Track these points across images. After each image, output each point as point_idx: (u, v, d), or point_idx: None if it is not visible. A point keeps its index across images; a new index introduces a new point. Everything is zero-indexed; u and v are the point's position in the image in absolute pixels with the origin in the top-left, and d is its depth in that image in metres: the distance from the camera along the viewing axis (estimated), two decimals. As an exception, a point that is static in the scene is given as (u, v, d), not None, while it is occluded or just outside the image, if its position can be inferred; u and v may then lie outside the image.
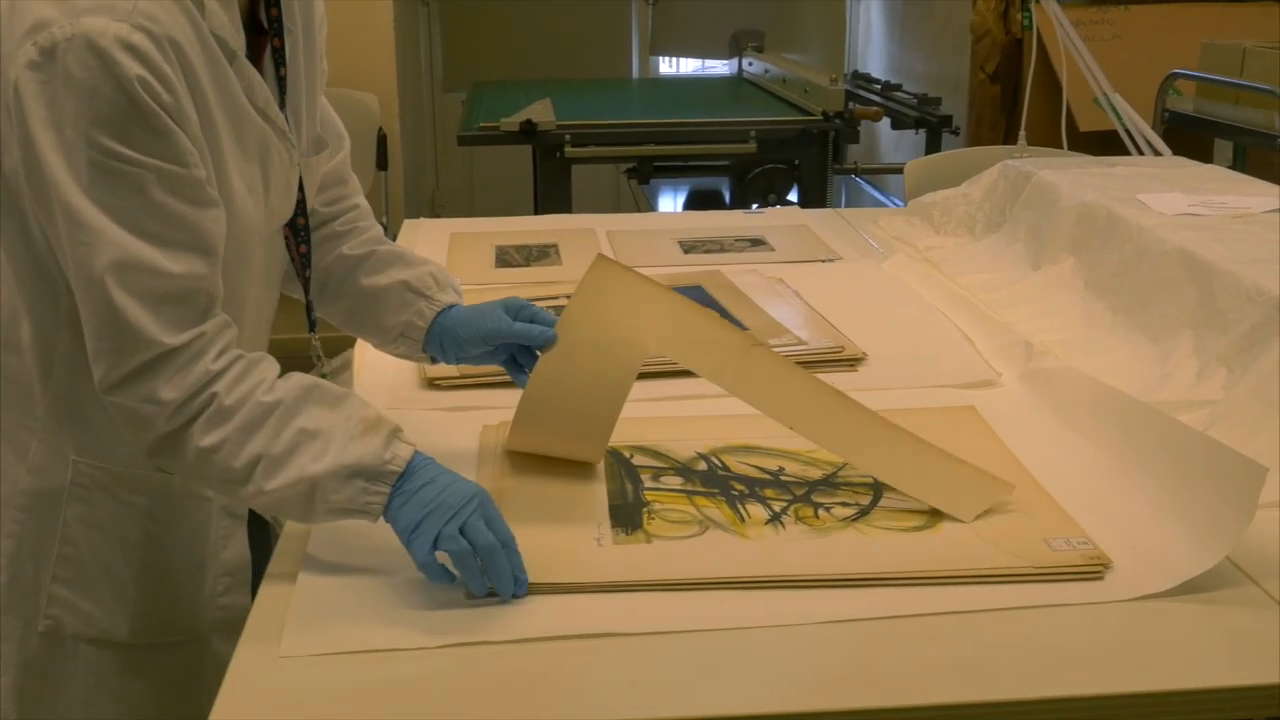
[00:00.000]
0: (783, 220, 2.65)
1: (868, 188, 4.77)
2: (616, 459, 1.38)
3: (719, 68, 5.70)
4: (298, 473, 1.10)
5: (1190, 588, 1.11)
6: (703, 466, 1.37)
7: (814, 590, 1.12)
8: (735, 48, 5.16)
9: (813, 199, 3.73)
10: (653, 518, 1.25)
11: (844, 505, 1.28)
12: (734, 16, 5.28)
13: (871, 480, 1.33)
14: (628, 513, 1.26)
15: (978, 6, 4.31)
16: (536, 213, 3.63)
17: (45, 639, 1.27)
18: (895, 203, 4.02)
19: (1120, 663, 1.02)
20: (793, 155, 3.76)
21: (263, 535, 1.42)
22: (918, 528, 1.23)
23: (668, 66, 6.28)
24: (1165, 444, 1.28)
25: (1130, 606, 1.10)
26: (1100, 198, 1.97)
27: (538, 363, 1.30)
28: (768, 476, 1.35)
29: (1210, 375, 1.52)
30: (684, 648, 1.04)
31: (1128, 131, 2.84)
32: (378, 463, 1.11)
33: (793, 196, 3.81)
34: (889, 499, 1.29)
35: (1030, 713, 0.98)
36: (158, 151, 1.08)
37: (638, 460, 1.38)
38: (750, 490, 1.31)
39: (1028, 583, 1.13)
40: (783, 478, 1.34)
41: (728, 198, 4.20)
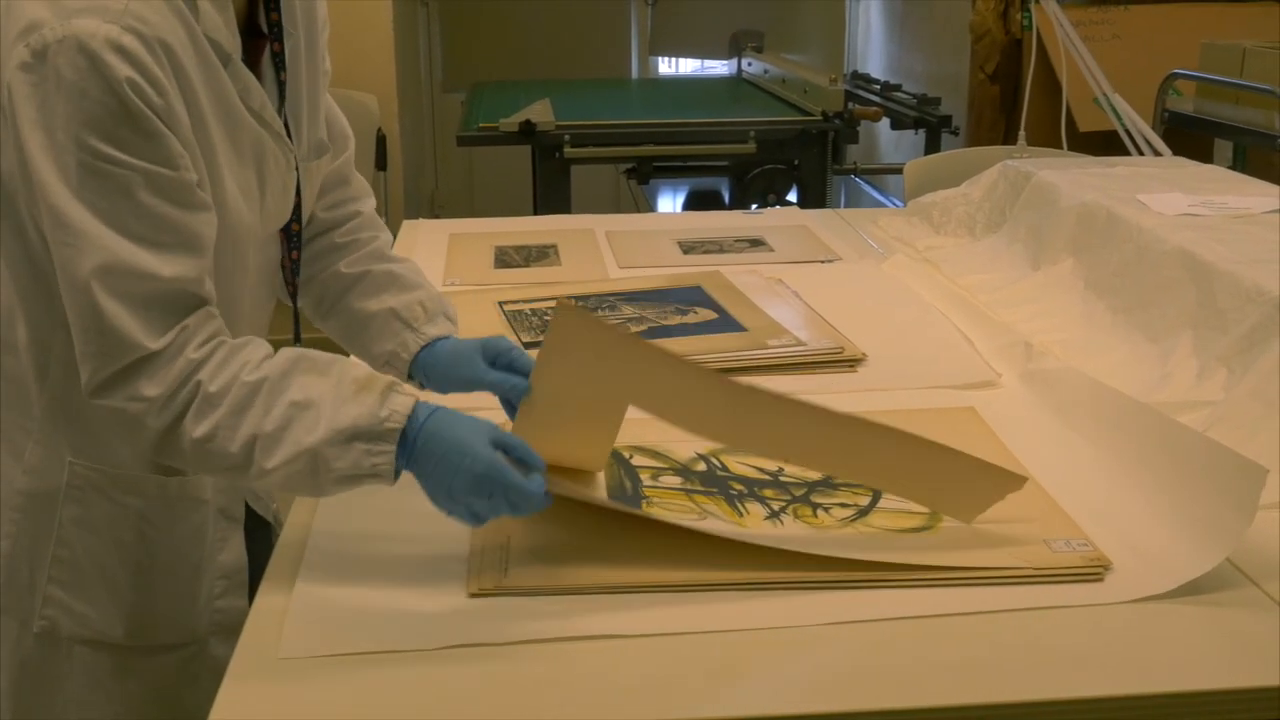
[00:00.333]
0: (782, 221, 2.65)
1: (867, 188, 4.77)
2: (615, 459, 1.38)
3: (718, 68, 5.70)
4: (295, 447, 1.07)
5: (1190, 589, 1.11)
6: (702, 467, 1.37)
7: (814, 592, 1.12)
8: (735, 48, 5.16)
9: (812, 199, 3.73)
10: (652, 505, 1.26)
11: (843, 506, 1.28)
12: (733, 17, 5.28)
13: (871, 481, 1.33)
14: (627, 502, 1.27)
15: (977, 6, 4.31)
16: (536, 213, 3.63)
17: (40, 640, 1.27)
18: (895, 203, 4.02)
19: (1120, 664, 1.02)
20: (792, 155, 3.76)
21: (262, 538, 1.42)
22: (916, 529, 1.23)
23: (667, 67, 6.28)
24: (1165, 445, 1.28)
25: (1130, 608, 1.09)
26: (1100, 198, 1.97)
27: (517, 413, 1.22)
28: (767, 477, 1.34)
29: (1210, 376, 1.52)
30: (684, 650, 1.04)
31: (1127, 132, 2.84)
32: (374, 422, 1.07)
33: (792, 197, 3.81)
34: (888, 500, 1.29)
35: (1030, 715, 0.98)
36: (147, 154, 1.07)
37: (637, 460, 1.38)
38: (749, 490, 1.31)
39: (1027, 584, 1.13)
40: (782, 478, 1.34)
41: (727, 198, 4.20)
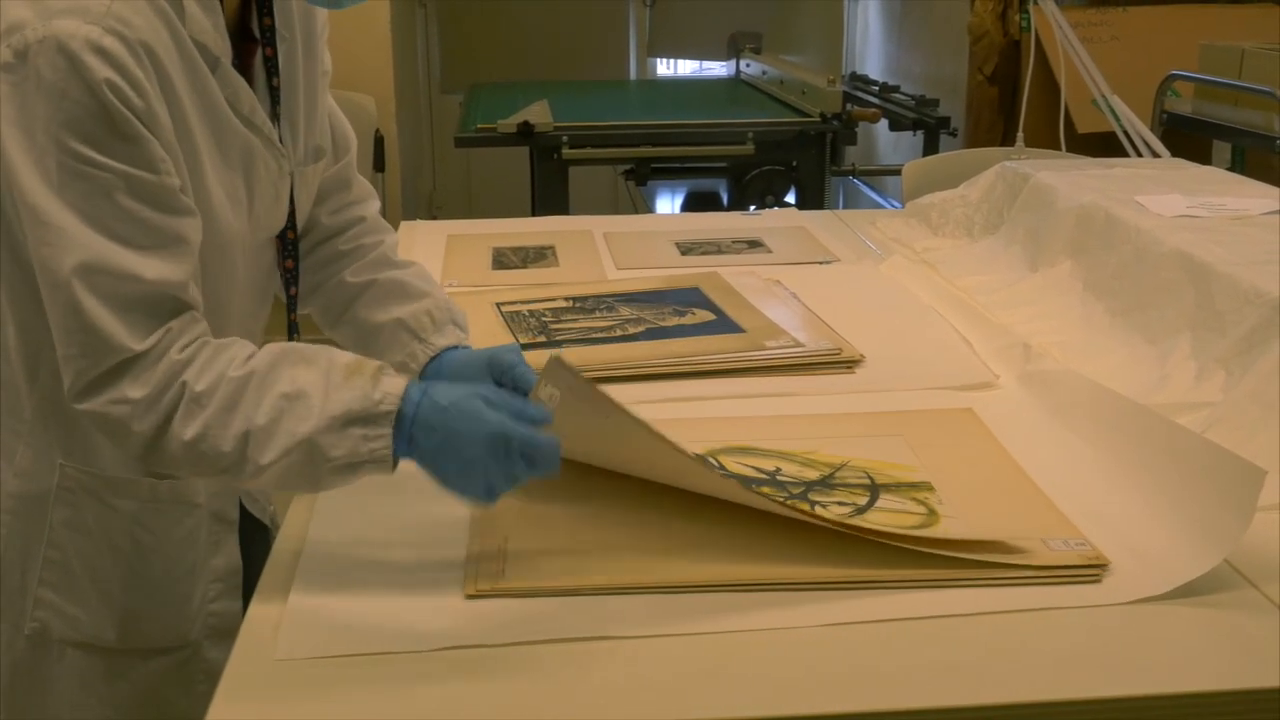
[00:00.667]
0: (780, 222, 2.65)
1: (865, 189, 4.78)
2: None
3: (716, 69, 5.70)
4: (289, 438, 1.05)
5: (1188, 590, 1.10)
6: (699, 468, 1.36)
7: (811, 593, 1.12)
8: (733, 49, 5.16)
9: (810, 200, 3.73)
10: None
11: (840, 505, 1.27)
12: (732, 18, 5.28)
13: (868, 480, 1.33)
14: None
15: (976, 8, 4.32)
16: (534, 214, 3.63)
17: (31, 642, 1.27)
18: (893, 204, 4.02)
19: (1118, 666, 1.01)
20: (790, 157, 3.76)
21: (260, 540, 1.41)
22: (914, 528, 1.23)
23: (665, 68, 6.28)
24: (1164, 446, 1.28)
25: (1128, 609, 1.09)
26: (1098, 199, 1.97)
27: None
28: (764, 476, 1.34)
29: (1209, 377, 1.51)
30: (680, 651, 1.04)
31: (1126, 133, 2.84)
32: (368, 405, 1.05)
33: (790, 198, 3.81)
34: (886, 499, 1.29)
35: (1028, 716, 0.97)
36: (126, 157, 1.06)
37: (634, 462, 1.38)
38: (747, 489, 1.31)
39: (1025, 585, 1.13)
40: (779, 477, 1.34)
41: (725, 199, 4.20)
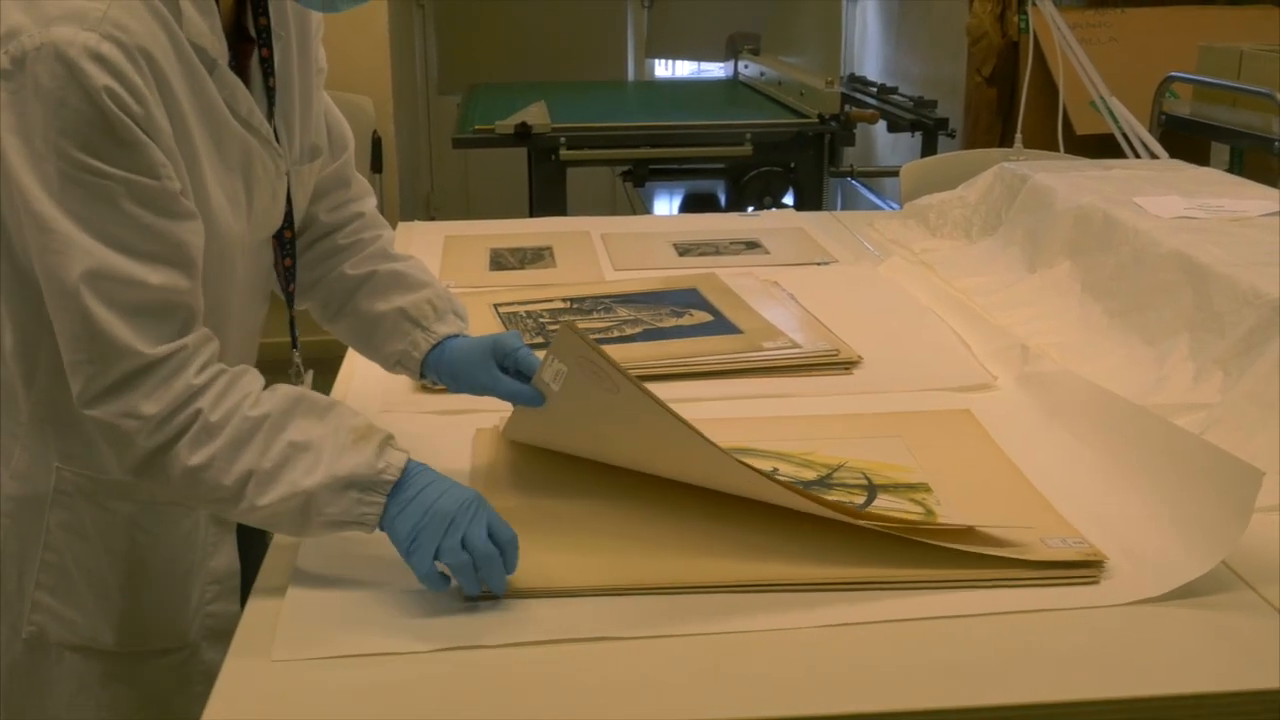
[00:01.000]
0: (778, 223, 2.65)
1: (863, 190, 4.78)
2: (611, 462, 1.38)
3: (715, 70, 5.70)
4: (290, 487, 1.08)
5: (1187, 592, 1.10)
6: (697, 469, 1.36)
7: (809, 594, 1.12)
8: (731, 50, 5.16)
9: (808, 202, 3.73)
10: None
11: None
12: (730, 19, 5.28)
13: (866, 481, 1.33)
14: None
15: (974, 9, 4.32)
16: (532, 215, 3.63)
17: (29, 645, 1.26)
18: (891, 206, 4.02)
19: (1116, 667, 1.01)
20: (788, 158, 3.75)
21: (258, 542, 1.41)
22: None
23: (663, 69, 6.28)
24: (1161, 447, 1.28)
25: (1126, 611, 1.09)
26: (1097, 200, 1.97)
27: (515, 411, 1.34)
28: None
29: (1207, 378, 1.51)
30: (678, 652, 1.04)
31: (1124, 134, 2.83)
32: (371, 472, 1.09)
33: (788, 199, 3.81)
34: (884, 500, 1.28)
35: (1028, 717, 0.97)
36: (127, 163, 1.05)
37: (632, 463, 1.38)
38: (756, 472, 1.30)
39: (1023, 586, 1.13)
40: (776, 477, 1.33)
41: (723, 200, 4.20)
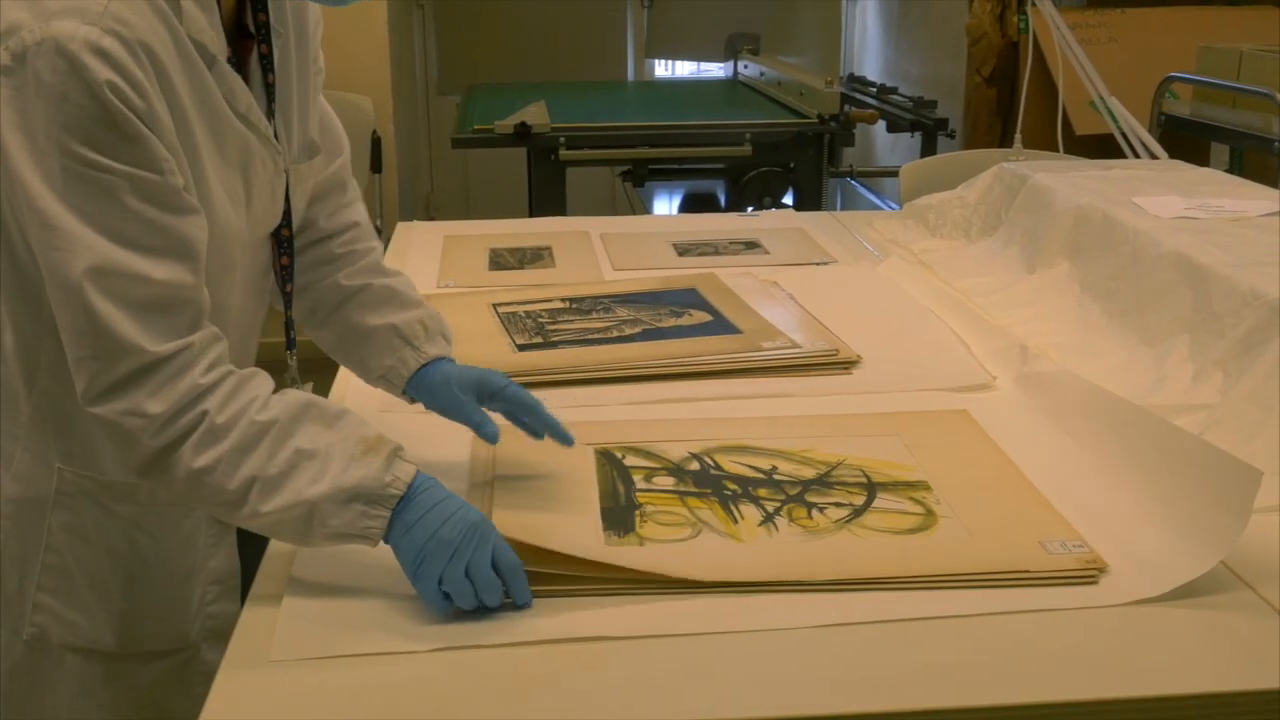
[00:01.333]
0: (778, 223, 2.64)
1: (863, 191, 4.78)
2: (609, 460, 1.37)
3: (714, 70, 5.70)
4: (295, 495, 1.06)
5: (1185, 592, 1.10)
6: (695, 466, 1.36)
7: (808, 594, 1.12)
8: (731, 50, 5.15)
9: (808, 202, 3.72)
10: (645, 521, 1.24)
11: (837, 506, 1.27)
12: (729, 19, 5.28)
13: (865, 479, 1.33)
14: (620, 515, 1.25)
15: (974, 9, 4.32)
16: (531, 215, 3.62)
17: (30, 647, 1.26)
18: (890, 206, 4.02)
19: (1115, 668, 1.01)
20: (788, 158, 3.75)
21: (257, 541, 1.41)
22: (912, 530, 1.23)
23: (663, 69, 6.28)
24: (1160, 448, 1.28)
25: (1125, 611, 1.09)
26: (1096, 201, 1.97)
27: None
28: (761, 476, 1.34)
29: (1206, 379, 1.51)
30: (676, 652, 1.04)
31: (1124, 135, 2.83)
32: (378, 485, 1.08)
33: (788, 199, 3.81)
34: (883, 499, 1.28)
35: (1026, 718, 0.97)
36: (130, 158, 1.05)
37: (630, 461, 1.37)
38: (743, 490, 1.30)
39: (1022, 587, 1.13)
40: (776, 476, 1.34)
41: (723, 200, 4.20)
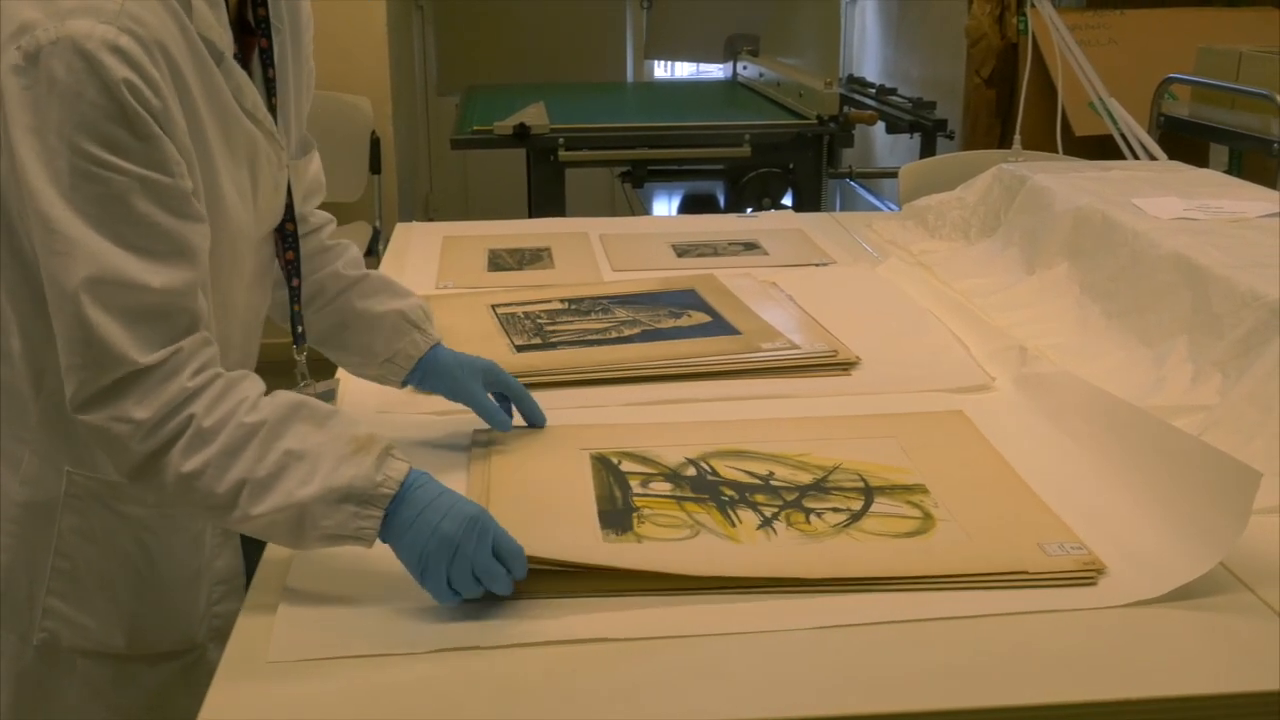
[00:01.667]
0: (777, 224, 2.64)
1: (862, 192, 4.77)
2: (605, 465, 1.37)
3: (714, 71, 5.69)
4: (285, 497, 1.05)
5: (1185, 593, 1.10)
6: (692, 472, 1.36)
7: (807, 595, 1.11)
8: (730, 51, 5.15)
9: (807, 203, 3.72)
10: (643, 521, 1.24)
11: (835, 511, 1.27)
12: (729, 20, 5.27)
13: (863, 484, 1.32)
14: (617, 517, 1.25)
15: (973, 10, 4.32)
16: (530, 216, 3.62)
17: (40, 652, 1.25)
18: (890, 207, 4.02)
19: (1115, 669, 1.01)
20: (787, 159, 3.75)
21: (259, 541, 1.41)
22: (910, 533, 1.22)
23: (662, 70, 6.27)
24: (1159, 449, 1.28)
25: (1124, 612, 1.09)
26: (1095, 202, 1.97)
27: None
28: (758, 481, 1.33)
29: (1205, 380, 1.51)
30: (676, 653, 1.03)
31: (1123, 136, 2.83)
32: (369, 485, 1.07)
33: (787, 200, 3.81)
34: (880, 503, 1.28)
35: (1025, 719, 0.97)
36: (142, 159, 1.04)
37: (626, 466, 1.37)
38: (740, 495, 1.30)
39: (1021, 588, 1.12)
40: (773, 482, 1.33)
41: (722, 201, 4.20)
